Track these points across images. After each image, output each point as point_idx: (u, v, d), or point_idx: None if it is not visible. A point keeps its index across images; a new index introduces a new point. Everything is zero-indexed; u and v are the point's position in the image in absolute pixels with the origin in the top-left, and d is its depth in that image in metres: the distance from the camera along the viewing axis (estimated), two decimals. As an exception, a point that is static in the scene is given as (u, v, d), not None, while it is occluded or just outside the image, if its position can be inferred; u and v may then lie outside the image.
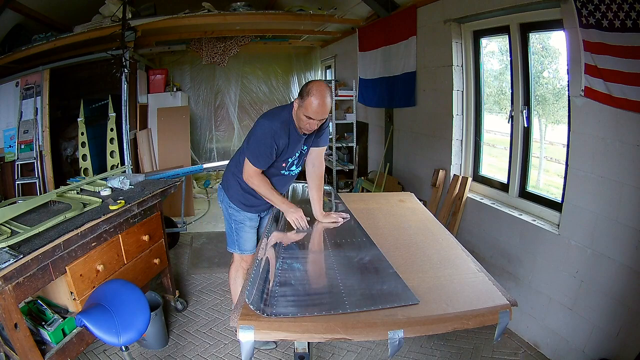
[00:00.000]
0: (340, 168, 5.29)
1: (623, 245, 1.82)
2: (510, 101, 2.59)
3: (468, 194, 2.93)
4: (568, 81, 2.02)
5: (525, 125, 2.48)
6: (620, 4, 1.63)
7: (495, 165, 2.98)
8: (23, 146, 3.95)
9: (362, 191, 4.50)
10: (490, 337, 2.36)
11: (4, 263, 1.43)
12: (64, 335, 1.77)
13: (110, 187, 2.31)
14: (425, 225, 1.97)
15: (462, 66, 2.96)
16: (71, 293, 1.82)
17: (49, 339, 1.72)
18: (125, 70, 3.85)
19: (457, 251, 1.65)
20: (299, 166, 2.08)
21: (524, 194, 2.57)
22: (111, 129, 4.28)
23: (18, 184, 3.90)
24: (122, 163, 4.17)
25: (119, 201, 2.05)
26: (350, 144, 5.33)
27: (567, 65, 2.00)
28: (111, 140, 4.29)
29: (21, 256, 1.48)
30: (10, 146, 4.00)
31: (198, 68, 6.43)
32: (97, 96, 4.70)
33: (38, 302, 1.86)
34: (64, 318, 1.81)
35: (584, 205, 2.00)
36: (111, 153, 4.29)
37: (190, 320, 2.65)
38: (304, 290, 1.35)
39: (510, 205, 2.61)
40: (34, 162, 3.93)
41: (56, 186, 3.56)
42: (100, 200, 2.11)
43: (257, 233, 2.23)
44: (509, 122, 2.60)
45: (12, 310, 1.50)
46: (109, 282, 1.72)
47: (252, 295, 1.25)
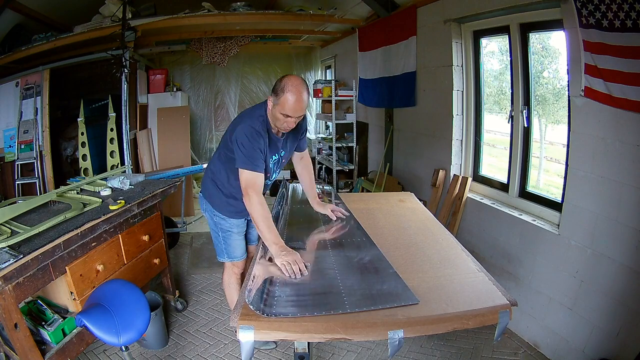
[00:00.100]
0: (340, 168, 5.29)
1: (623, 245, 1.82)
2: (510, 101, 2.59)
3: (468, 194, 2.93)
4: (568, 81, 2.02)
5: (525, 125, 2.48)
6: (620, 4, 1.63)
7: (495, 165, 2.98)
8: (23, 146, 3.95)
9: (362, 191, 4.50)
10: (490, 337, 2.36)
11: (4, 263, 1.43)
12: (64, 335, 1.77)
13: (110, 187, 2.31)
14: (425, 225, 1.97)
15: (462, 66, 2.96)
16: (71, 293, 1.82)
17: (49, 339, 1.72)
18: (125, 70, 3.85)
19: (457, 251, 1.65)
20: (277, 173, 1.99)
21: (524, 194, 2.57)
22: (111, 129, 4.29)
23: (18, 184, 3.91)
24: (122, 163, 4.17)
25: (119, 201, 2.05)
26: (350, 144, 5.33)
27: (567, 65, 2.00)
28: (111, 140, 4.29)
29: (21, 256, 1.48)
30: (10, 146, 4.00)
31: (198, 68, 6.43)
32: (97, 96, 4.70)
33: (38, 302, 1.86)
34: (64, 318, 1.81)
35: (584, 205, 2.00)
36: (111, 153, 4.30)
37: (190, 320, 2.65)
38: (304, 290, 1.35)
39: (510, 205, 2.61)
40: (34, 162, 3.93)
41: (56, 186, 3.56)
42: (100, 200, 2.11)
43: (245, 237, 2.15)
44: (509, 122, 2.60)
45: (12, 310, 1.50)
46: (109, 282, 1.72)
47: (252, 295, 1.25)
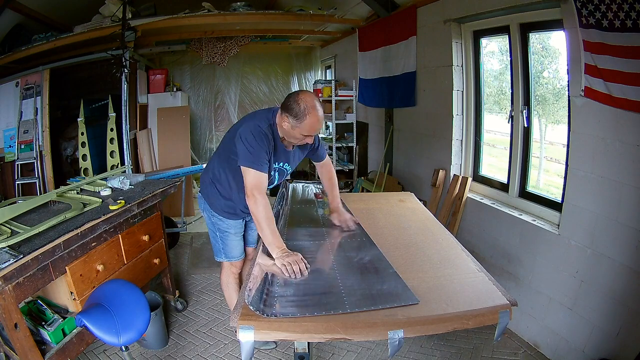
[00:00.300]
0: (340, 168, 5.30)
1: (623, 245, 1.82)
2: (510, 101, 2.59)
3: (468, 194, 2.92)
4: (568, 81, 2.02)
5: (525, 125, 2.48)
6: (620, 4, 1.63)
7: (495, 165, 2.98)
8: (23, 146, 3.95)
9: (362, 191, 4.50)
10: (490, 337, 2.36)
11: (4, 263, 1.43)
12: (64, 335, 1.77)
13: (110, 187, 2.31)
14: (425, 225, 1.97)
15: (462, 66, 2.96)
16: (71, 293, 1.82)
17: (49, 339, 1.72)
18: (125, 70, 3.85)
19: (457, 251, 1.65)
20: (277, 181, 1.97)
21: (524, 194, 2.57)
22: (111, 129, 4.28)
23: (18, 184, 3.91)
24: (122, 163, 4.17)
25: (119, 201, 2.05)
26: (350, 144, 5.33)
27: (567, 65, 2.00)
28: (111, 140, 4.29)
29: (21, 256, 1.48)
30: (10, 146, 4.00)
31: (198, 68, 6.42)
32: (97, 96, 4.70)
33: (38, 302, 1.86)
34: (64, 318, 1.81)
35: (584, 205, 2.00)
36: (111, 153, 4.29)
37: (190, 320, 2.65)
38: (304, 290, 1.35)
39: (510, 205, 2.61)
40: (34, 162, 3.93)
41: (56, 186, 3.56)
42: (100, 200, 2.11)
43: (244, 237, 2.14)
44: (509, 122, 2.60)
45: (12, 310, 1.50)
46: (109, 282, 1.72)
47: (252, 296, 1.25)
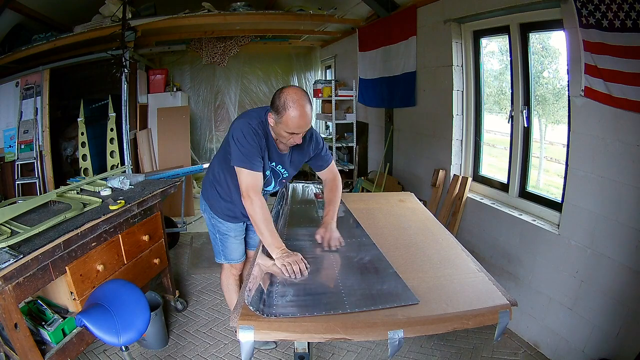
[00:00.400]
0: (340, 168, 5.27)
1: (623, 245, 1.82)
2: (510, 101, 2.59)
3: (468, 194, 2.92)
4: (568, 81, 2.02)
5: (525, 125, 2.48)
6: (620, 4, 1.63)
7: (495, 165, 2.98)
8: (23, 146, 3.95)
9: (362, 191, 4.50)
10: (490, 337, 2.36)
11: (4, 263, 1.43)
12: (64, 335, 1.77)
13: (110, 187, 2.31)
14: (425, 225, 1.97)
15: (462, 66, 2.96)
16: (71, 293, 1.82)
17: (49, 339, 1.72)
18: (125, 70, 3.85)
19: (457, 251, 1.65)
20: (273, 186, 1.88)
21: (524, 194, 2.57)
22: (111, 129, 4.29)
23: (18, 184, 3.91)
24: (122, 163, 4.17)
25: (119, 201, 2.05)
26: (350, 144, 5.33)
27: (567, 65, 2.00)
28: (111, 140, 4.29)
29: (21, 256, 1.48)
30: (10, 146, 4.00)
31: (198, 68, 6.43)
32: (97, 96, 4.70)
33: (38, 302, 1.86)
34: (64, 318, 1.81)
35: (584, 205, 2.00)
36: (111, 153, 4.30)
37: (190, 320, 2.65)
38: (304, 290, 1.35)
39: (510, 205, 2.61)
40: (34, 162, 3.93)
41: (56, 186, 3.56)
42: (100, 200, 2.11)
43: (245, 240, 2.12)
44: (509, 122, 2.60)
45: (12, 310, 1.50)
46: (109, 282, 1.72)
47: (251, 296, 1.25)
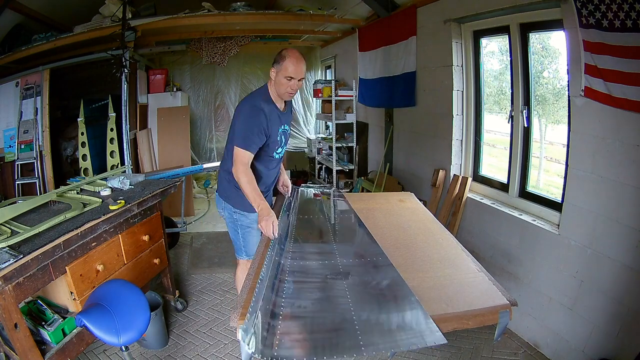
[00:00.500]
0: (340, 168, 5.29)
1: (623, 245, 1.82)
2: (510, 101, 2.59)
3: (468, 194, 2.92)
4: (568, 81, 2.02)
5: (525, 125, 2.48)
6: (620, 4, 1.63)
7: (495, 165, 2.98)
8: (23, 146, 3.95)
9: (362, 191, 4.50)
10: (490, 337, 2.36)
11: (4, 263, 1.43)
12: (64, 335, 1.77)
13: (110, 187, 2.31)
14: (426, 225, 1.97)
15: (462, 66, 2.96)
16: (71, 293, 1.82)
17: (49, 339, 1.72)
18: (125, 70, 3.85)
19: (457, 251, 1.66)
20: (284, 147, 2.10)
21: (524, 194, 2.57)
22: (111, 129, 4.28)
23: (18, 184, 3.91)
24: (122, 163, 4.17)
25: (119, 201, 2.05)
26: (350, 144, 5.32)
27: (567, 65, 2.00)
28: (111, 140, 4.29)
29: (21, 256, 1.48)
30: (10, 146, 4.00)
31: (198, 68, 6.43)
32: (97, 96, 4.70)
33: (38, 302, 1.86)
34: (64, 318, 1.81)
35: (584, 205, 2.00)
36: (111, 153, 4.29)
37: (190, 320, 2.65)
38: (312, 326, 1.20)
39: (510, 205, 2.61)
40: (34, 162, 3.93)
41: (56, 186, 3.57)
42: (100, 200, 2.11)
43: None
44: (509, 122, 2.60)
45: (12, 310, 1.50)
46: (109, 282, 1.72)
47: (250, 333, 1.12)
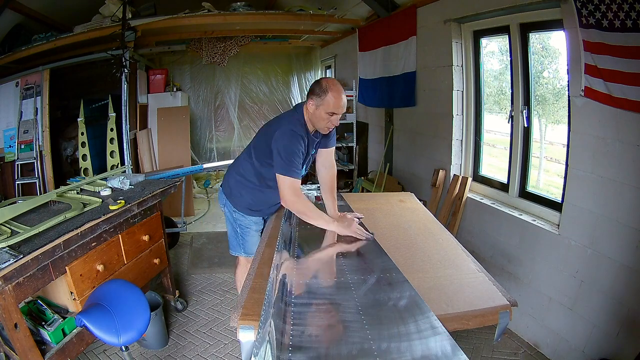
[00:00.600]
0: (340, 168, 5.29)
1: (623, 245, 1.82)
2: (510, 101, 2.59)
3: (468, 194, 2.92)
4: (568, 81, 2.02)
5: (525, 125, 2.48)
6: (620, 4, 1.63)
7: (495, 165, 2.98)
8: (23, 146, 3.95)
9: (362, 191, 4.50)
10: (490, 337, 2.36)
11: (4, 263, 1.43)
12: (64, 335, 1.77)
13: (110, 187, 2.31)
14: (426, 225, 1.97)
15: (462, 66, 2.96)
16: (71, 293, 1.82)
17: (49, 339, 1.72)
18: (125, 70, 3.85)
19: (457, 251, 1.65)
20: (306, 169, 2.05)
21: (524, 194, 2.57)
22: (111, 129, 4.28)
23: (18, 184, 3.90)
24: (122, 163, 4.17)
25: (119, 201, 2.05)
26: (350, 144, 5.33)
27: (567, 65, 2.00)
28: (111, 140, 4.29)
29: (21, 256, 1.48)
30: (10, 146, 4.00)
31: (198, 68, 6.42)
32: (97, 96, 4.70)
33: (38, 302, 1.86)
34: (64, 318, 1.81)
35: (584, 205, 2.00)
36: (111, 153, 4.29)
37: (190, 320, 2.65)
38: (326, 357, 1.01)
39: (510, 205, 2.61)
40: (34, 162, 3.93)
41: (56, 186, 3.56)
42: (100, 200, 2.11)
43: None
44: (509, 122, 2.60)
45: (12, 310, 1.50)
46: (109, 282, 1.72)
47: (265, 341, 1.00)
